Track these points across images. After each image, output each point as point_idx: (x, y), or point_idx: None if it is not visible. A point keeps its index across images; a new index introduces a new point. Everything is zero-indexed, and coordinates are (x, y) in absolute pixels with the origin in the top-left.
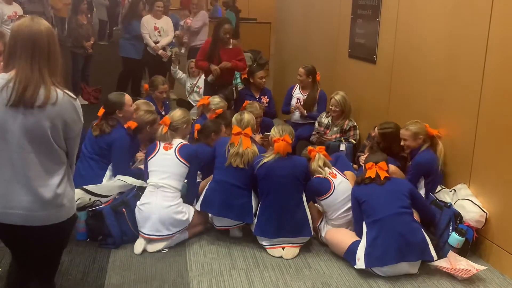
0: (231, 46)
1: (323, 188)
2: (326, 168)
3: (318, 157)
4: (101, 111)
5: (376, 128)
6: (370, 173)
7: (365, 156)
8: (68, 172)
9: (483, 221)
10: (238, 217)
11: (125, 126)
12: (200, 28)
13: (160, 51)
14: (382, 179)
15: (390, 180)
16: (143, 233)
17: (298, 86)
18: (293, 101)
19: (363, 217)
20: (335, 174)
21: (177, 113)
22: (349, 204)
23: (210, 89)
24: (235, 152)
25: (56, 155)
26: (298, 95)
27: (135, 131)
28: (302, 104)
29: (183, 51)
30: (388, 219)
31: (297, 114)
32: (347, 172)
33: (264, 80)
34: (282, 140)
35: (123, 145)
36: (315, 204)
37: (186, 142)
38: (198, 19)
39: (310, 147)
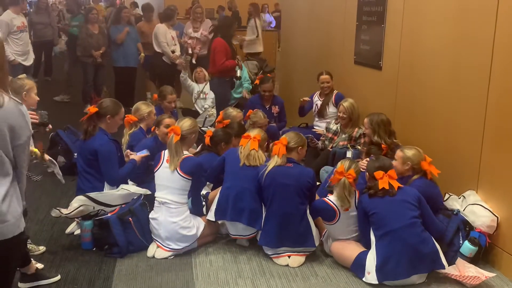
0: None
1: (326, 216)
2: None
3: (343, 183)
4: (93, 110)
5: (365, 119)
6: (383, 184)
7: (362, 161)
8: (15, 186)
9: (494, 225)
10: (249, 221)
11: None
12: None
13: (179, 60)
14: (396, 189)
15: (400, 189)
16: (156, 240)
17: (317, 93)
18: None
19: (372, 228)
20: (350, 206)
21: (186, 123)
22: (354, 234)
23: (221, 87)
24: (246, 153)
25: (1, 165)
26: (317, 101)
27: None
28: (318, 109)
29: (194, 61)
30: (399, 231)
31: (317, 121)
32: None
33: (267, 94)
34: (279, 143)
35: (107, 150)
36: None
37: (189, 155)
38: (205, 28)
39: (338, 168)
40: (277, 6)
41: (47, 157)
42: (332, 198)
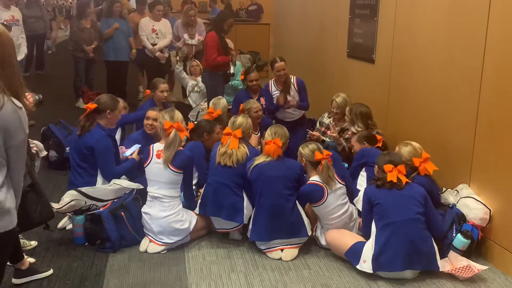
0: None
1: (315, 196)
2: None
3: (326, 166)
4: (92, 106)
5: (347, 108)
6: (392, 177)
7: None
8: (8, 183)
9: (487, 218)
10: (228, 216)
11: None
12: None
13: (158, 53)
14: (404, 184)
15: (408, 185)
16: (148, 234)
17: (272, 82)
18: (274, 100)
19: (375, 219)
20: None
21: (179, 115)
22: (344, 209)
23: (213, 80)
24: (223, 151)
25: None
26: (276, 92)
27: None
28: (278, 100)
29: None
30: (401, 224)
31: (280, 114)
32: None
33: (254, 83)
34: (273, 143)
35: (104, 146)
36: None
37: (179, 148)
38: (200, 31)
39: (316, 156)
40: None
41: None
42: (316, 178)
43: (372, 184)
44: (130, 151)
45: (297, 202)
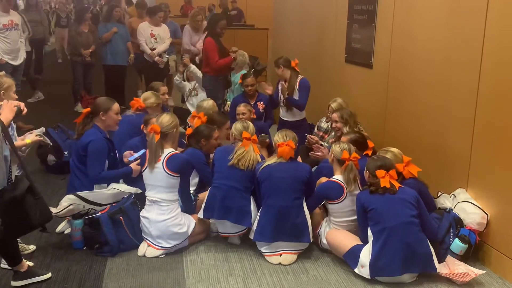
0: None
1: (335, 193)
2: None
3: (350, 167)
4: (85, 110)
5: (334, 114)
6: (385, 183)
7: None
8: None
9: (484, 223)
10: (236, 219)
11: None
12: None
13: (156, 58)
14: (397, 188)
15: (400, 188)
16: (147, 239)
17: (283, 81)
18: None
19: (370, 224)
20: (355, 188)
21: (165, 119)
22: (355, 216)
23: (213, 85)
24: (242, 154)
25: None
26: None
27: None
28: (281, 93)
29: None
30: (396, 228)
31: (282, 111)
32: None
33: (250, 88)
34: (286, 145)
35: (96, 148)
36: (318, 209)
37: (175, 152)
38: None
39: (345, 151)
40: (235, 4)
41: (36, 138)
42: (338, 177)
43: (365, 190)
44: (135, 156)
45: (304, 205)
